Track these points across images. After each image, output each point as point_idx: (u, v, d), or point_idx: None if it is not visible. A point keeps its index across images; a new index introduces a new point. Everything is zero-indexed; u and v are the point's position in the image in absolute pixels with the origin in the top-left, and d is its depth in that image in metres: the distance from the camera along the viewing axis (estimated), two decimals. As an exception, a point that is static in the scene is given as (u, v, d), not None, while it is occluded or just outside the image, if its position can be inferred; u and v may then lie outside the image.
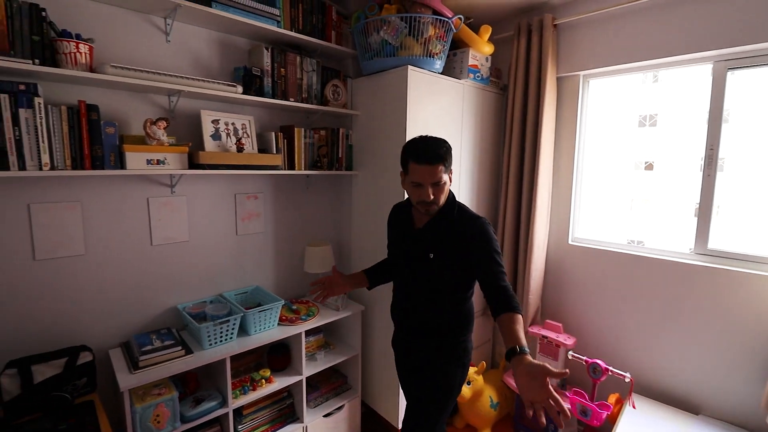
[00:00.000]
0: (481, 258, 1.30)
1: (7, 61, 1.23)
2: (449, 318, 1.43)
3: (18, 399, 1.34)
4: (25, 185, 1.43)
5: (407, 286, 1.50)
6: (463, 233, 1.34)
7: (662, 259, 1.98)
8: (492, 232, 1.34)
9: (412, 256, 1.45)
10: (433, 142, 1.31)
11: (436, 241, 1.38)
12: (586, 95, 2.28)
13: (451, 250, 1.36)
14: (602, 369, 1.88)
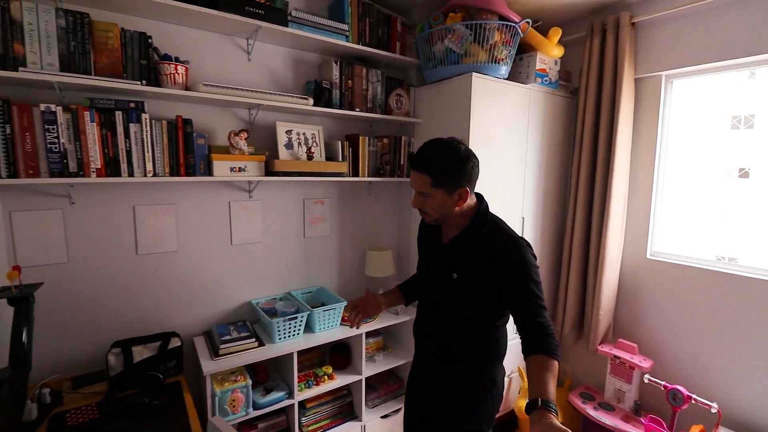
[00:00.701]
0: (516, 287, 1.14)
1: (122, 83, 1.44)
2: (474, 345, 1.25)
3: (120, 375, 1.55)
4: (132, 189, 1.65)
5: (429, 305, 1.35)
6: (494, 254, 1.17)
7: (757, 278, 1.76)
8: (531, 257, 1.17)
9: (435, 274, 1.31)
10: (428, 147, 1.18)
11: (462, 260, 1.22)
12: (669, 97, 2.10)
13: (477, 272, 1.19)
14: (684, 396, 1.71)
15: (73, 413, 1.39)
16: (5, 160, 1.29)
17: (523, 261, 1.15)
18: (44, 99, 1.38)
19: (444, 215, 1.22)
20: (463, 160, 1.16)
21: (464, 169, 1.16)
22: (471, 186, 1.20)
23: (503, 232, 1.22)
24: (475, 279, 1.19)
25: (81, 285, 1.59)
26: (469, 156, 1.18)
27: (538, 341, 1.09)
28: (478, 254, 1.19)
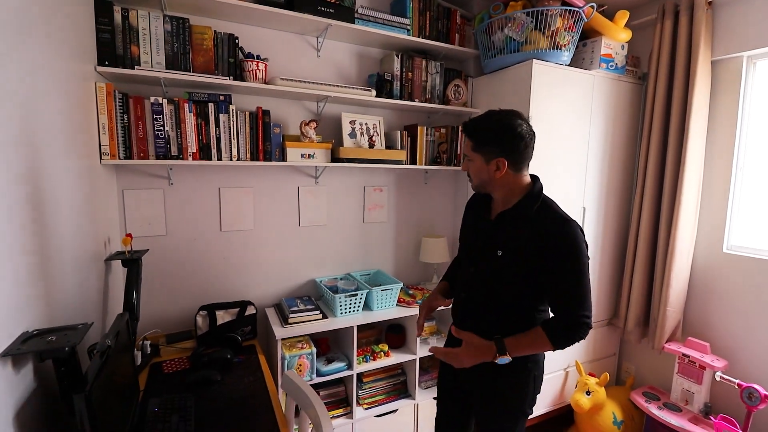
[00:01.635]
0: (558, 272, 1.12)
1: (215, 78, 1.65)
2: (515, 327, 1.20)
3: (206, 334, 1.76)
4: (218, 173, 1.87)
5: (470, 283, 1.31)
6: (543, 233, 1.13)
7: None
8: (583, 243, 1.12)
9: (479, 250, 1.28)
10: (482, 115, 1.21)
11: (508, 237, 1.20)
12: (751, 79, 1.95)
13: (523, 250, 1.16)
14: (761, 396, 1.59)
15: (169, 363, 1.61)
16: (123, 144, 1.54)
17: (572, 246, 1.11)
18: (152, 93, 1.62)
19: (483, 183, 1.23)
20: (505, 131, 1.15)
21: (504, 139, 1.15)
22: (512, 160, 1.17)
23: (555, 212, 1.18)
24: (520, 257, 1.16)
25: (176, 255, 1.83)
26: (514, 129, 1.15)
27: (553, 326, 1.14)
28: (525, 232, 1.16)
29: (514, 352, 1.14)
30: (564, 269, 1.12)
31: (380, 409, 2.03)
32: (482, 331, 1.22)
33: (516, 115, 1.19)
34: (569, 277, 1.12)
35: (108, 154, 1.50)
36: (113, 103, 1.49)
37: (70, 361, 0.88)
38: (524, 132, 1.16)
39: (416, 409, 2.12)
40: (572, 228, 1.13)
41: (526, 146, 1.18)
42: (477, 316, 1.28)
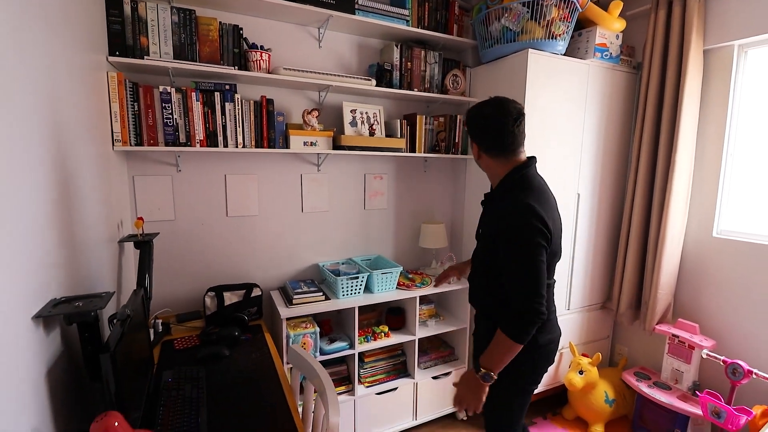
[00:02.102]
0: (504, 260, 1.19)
1: (221, 68, 1.71)
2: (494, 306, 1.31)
3: (214, 314, 1.85)
4: (224, 160, 1.94)
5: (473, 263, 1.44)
6: (497, 217, 1.23)
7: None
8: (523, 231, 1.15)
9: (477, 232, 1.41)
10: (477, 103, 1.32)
11: (484, 219, 1.34)
12: (742, 67, 2.00)
13: (488, 233, 1.28)
14: (744, 371, 1.67)
15: (179, 340, 1.70)
16: (134, 132, 1.62)
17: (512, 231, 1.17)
18: (161, 82, 1.69)
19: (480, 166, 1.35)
20: (472, 118, 1.27)
21: (472, 125, 1.27)
22: (483, 144, 1.28)
23: (513, 195, 1.22)
24: (487, 238, 1.28)
25: (184, 239, 1.91)
26: (478, 115, 1.26)
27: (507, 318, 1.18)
28: (492, 212, 1.29)
29: (489, 364, 1.20)
30: (506, 253, 1.19)
31: (381, 387, 2.12)
32: (483, 301, 1.37)
33: (489, 102, 1.26)
34: (510, 263, 1.18)
35: (120, 140, 1.57)
36: (124, 91, 1.56)
37: (93, 327, 0.96)
38: (489, 117, 1.23)
39: (415, 388, 2.21)
40: (520, 215, 1.16)
41: (494, 130, 1.23)
42: (475, 286, 1.42)
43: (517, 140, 1.25)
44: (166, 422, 1.14)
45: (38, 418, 0.83)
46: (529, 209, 1.16)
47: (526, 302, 1.15)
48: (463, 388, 1.29)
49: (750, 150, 2.02)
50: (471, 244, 2.44)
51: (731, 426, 1.65)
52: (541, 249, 1.15)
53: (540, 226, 1.15)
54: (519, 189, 1.23)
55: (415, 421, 2.23)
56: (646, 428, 2.17)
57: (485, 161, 1.31)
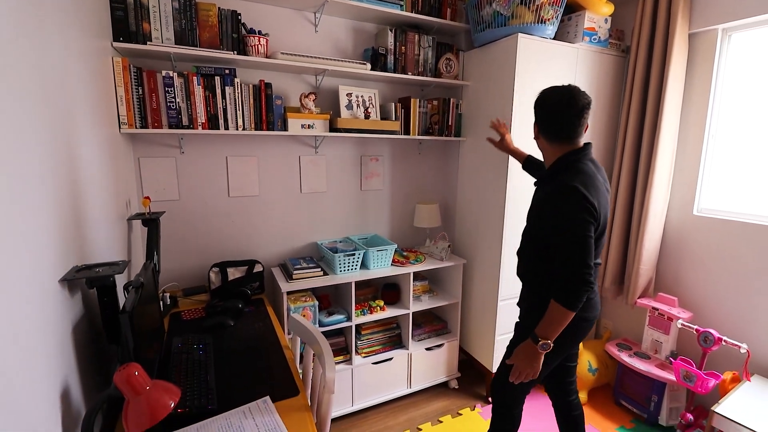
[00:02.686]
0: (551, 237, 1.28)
1: (220, 53, 1.78)
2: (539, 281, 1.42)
3: (219, 288, 1.96)
4: (225, 142, 2.03)
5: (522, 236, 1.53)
6: (544, 198, 1.34)
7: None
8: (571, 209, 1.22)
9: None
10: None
11: (535, 197, 1.45)
12: (726, 51, 2.07)
13: (536, 213, 1.39)
14: (714, 338, 1.79)
15: (186, 312, 1.81)
16: (139, 115, 1.69)
17: (560, 207, 1.24)
18: (163, 67, 1.76)
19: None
20: (538, 102, 1.38)
21: (536, 109, 1.39)
22: (541, 127, 1.39)
23: (566, 176, 1.27)
24: (534, 215, 1.39)
25: (189, 217, 2.01)
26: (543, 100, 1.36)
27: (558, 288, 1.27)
28: (541, 193, 1.39)
29: (545, 333, 1.30)
30: (555, 230, 1.27)
31: (377, 357, 2.25)
32: (521, 273, 1.51)
33: (559, 89, 1.34)
34: (558, 238, 1.26)
35: (126, 123, 1.65)
36: (129, 76, 1.63)
37: (112, 291, 1.07)
38: (553, 105, 1.33)
39: (410, 358, 2.34)
40: (568, 194, 1.23)
41: (554, 119, 1.33)
42: (519, 260, 1.54)
43: (576, 131, 1.33)
44: (177, 380, 1.25)
45: (66, 369, 0.94)
46: (573, 190, 1.22)
47: (575, 272, 1.22)
48: (521, 360, 1.38)
49: (730, 132, 2.10)
50: (464, 223, 2.55)
51: (701, 389, 1.78)
52: (587, 224, 1.22)
53: (586, 204, 1.22)
54: (566, 173, 1.30)
55: (409, 389, 2.37)
56: (626, 395, 2.32)
57: (541, 143, 1.42)
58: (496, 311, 2.27)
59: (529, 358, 1.35)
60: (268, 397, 1.21)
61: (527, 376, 1.38)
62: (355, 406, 2.22)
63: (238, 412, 1.14)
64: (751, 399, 1.69)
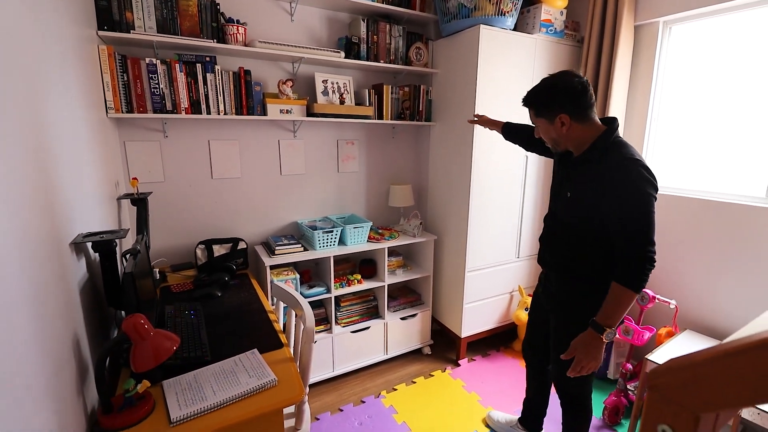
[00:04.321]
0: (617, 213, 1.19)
1: (201, 41, 1.88)
2: (584, 265, 1.36)
3: (205, 264, 2.10)
4: (207, 127, 2.14)
5: (549, 221, 1.51)
6: (604, 173, 1.22)
7: (734, 203, 2.01)
8: (640, 182, 1.16)
9: (556, 193, 1.46)
10: (535, 85, 1.37)
11: (575, 180, 1.34)
12: (666, 42, 2.29)
13: (586, 190, 1.28)
14: (649, 297, 2.05)
15: (175, 285, 1.95)
16: (125, 100, 1.79)
17: (630, 183, 1.16)
18: (146, 55, 1.86)
19: (556, 142, 1.37)
20: (557, 90, 1.28)
21: (558, 96, 1.28)
22: (573, 112, 1.28)
23: (620, 152, 1.22)
24: (585, 198, 1.29)
25: (174, 198, 2.13)
26: (566, 85, 1.27)
27: (620, 270, 1.22)
28: (591, 173, 1.27)
29: (609, 320, 1.23)
30: (622, 206, 1.19)
31: (355, 326, 2.44)
32: (561, 261, 1.44)
33: (564, 73, 1.33)
34: (626, 214, 1.18)
35: (113, 108, 1.75)
36: (114, 63, 1.73)
37: (113, 256, 1.21)
38: (575, 84, 1.27)
39: (386, 327, 2.54)
40: (634, 166, 1.18)
41: (580, 95, 1.27)
42: (554, 248, 1.47)
43: (594, 100, 1.31)
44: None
45: (76, 323, 1.08)
46: (639, 163, 1.20)
47: (642, 250, 1.17)
48: (582, 352, 1.29)
49: (669, 116, 2.34)
50: (435, 202, 2.74)
51: (637, 341, 2.04)
52: (652, 199, 1.18)
53: (649, 178, 1.19)
54: (619, 147, 1.26)
55: (386, 355, 2.58)
56: (579, 354, 2.58)
57: (575, 129, 1.30)
58: (464, 282, 2.48)
59: (590, 350, 1.28)
60: (256, 349, 1.37)
61: (590, 369, 1.30)
62: (336, 371, 2.41)
63: (229, 361, 1.30)
64: (679, 348, 1.95)
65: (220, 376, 1.22)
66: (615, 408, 2.05)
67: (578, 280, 1.40)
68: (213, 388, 1.16)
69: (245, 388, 1.16)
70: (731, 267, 2.02)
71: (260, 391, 1.17)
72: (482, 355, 2.73)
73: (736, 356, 0.30)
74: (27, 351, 0.74)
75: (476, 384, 2.42)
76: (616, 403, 2.04)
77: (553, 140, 1.38)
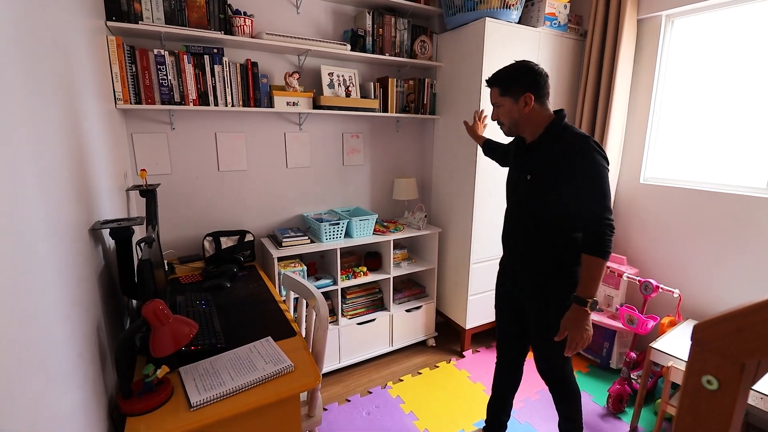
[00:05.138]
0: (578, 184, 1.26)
1: (208, 32, 1.88)
2: (552, 246, 1.40)
3: (213, 256, 2.10)
4: (214, 119, 2.14)
5: (511, 212, 1.54)
6: (561, 151, 1.30)
7: (735, 194, 2.04)
8: (596, 153, 1.25)
9: (515, 181, 1.49)
10: (501, 68, 1.44)
11: (534, 162, 1.39)
12: (669, 36, 2.32)
13: (546, 171, 1.34)
14: (653, 286, 2.08)
15: (184, 277, 1.95)
16: (134, 91, 1.79)
17: (587, 156, 1.25)
18: (154, 46, 1.86)
19: (515, 122, 1.43)
20: (525, 71, 1.37)
21: (526, 77, 1.37)
22: (537, 94, 1.37)
23: (573, 132, 1.33)
24: (546, 177, 1.34)
25: (182, 190, 2.13)
26: (532, 68, 1.37)
27: (585, 240, 1.29)
28: (548, 153, 1.35)
29: (588, 291, 1.29)
30: (582, 177, 1.26)
31: (361, 318, 2.45)
32: (527, 248, 1.46)
33: (528, 61, 1.42)
34: (587, 183, 1.26)
35: (121, 99, 1.75)
36: (123, 54, 1.73)
37: (128, 244, 1.21)
38: (540, 69, 1.39)
39: (391, 320, 2.56)
40: (587, 142, 1.28)
41: (545, 81, 1.39)
42: (520, 235, 1.50)
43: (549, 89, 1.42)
44: (187, 326, 1.41)
45: (97, 308, 1.09)
46: (592, 140, 1.30)
47: (602, 219, 1.25)
48: (573, 329, 1.32)
49: (672, 108, 2.36)
50: (439, 195, 2.76)
51: (641, 330, 2.07)
52: (606, 171, 1.27)
53: (601, 152, 1.29)
54: (571, 128, 1.36)
55: (391, 347, 2.60)
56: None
57: (535, 111, 1.39)
58: (469, 273, 2.50)
59: (580, 324, 1.31)
60: (270, 337, 1.39)
61: (585, 343, 1.34)
62: (342, 363, 2.43)
63: (244, 349, 1.31)
64: (682, 337, 1.98)
65: (236, 363, 1.23)
66: (619, 396, 2.08)
67: (547, 264, 1.44)
68: (230, 374, 1.17)
69: (262, 373, 1.17)
70: (733, 257, 2.06)
71: (277, 376, 1.19)
72: (486, 346, 2.75)
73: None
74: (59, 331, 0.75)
75: (481, 374, 2.44)
76: (620, 392, 2.08)
77: (514, 121, 1.43)
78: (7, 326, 0.55)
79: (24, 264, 0.63)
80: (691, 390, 0.39)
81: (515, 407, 2.13)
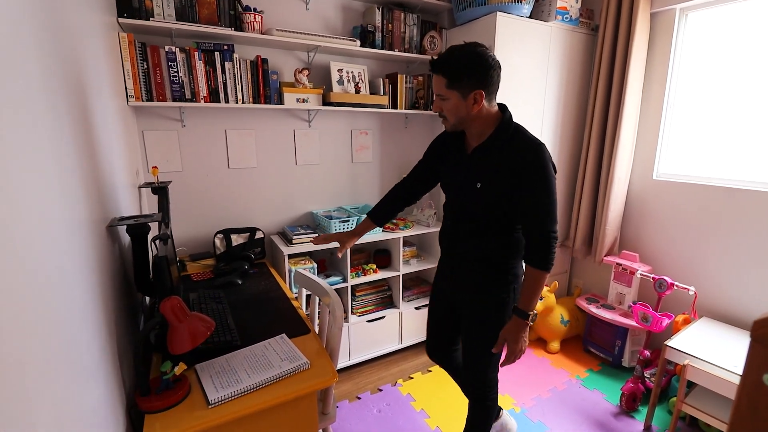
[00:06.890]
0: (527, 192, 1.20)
1: (219, 29, 1.87)
2: (495, 247, 1.34)
3: (223, 254, 2.10)
4: (224, 116, 2.13)
5: (456, 214, 1.42)
6: (514, 157, 1.21)
7: (752, 189, 2.01)
8: (549, 165, 1.20)
9: (460, 185, 1.36)
10: (449, 51, 1.21)
11: (485, 169, 1.27)
12: (683, 29, 2.28)
13: (499, 179, 1.24)
14: (668, 284, 2.05)
15: (196, 274, 1.95)
16: (145, 88, 1.79)
17: (540, 170, 1.18)
18: (164, 43, 1.85)
19: (461, 120, 1.26)
20: (480, 63, 1.17)
21: (479, 71, 1.17)
22: (488, 91, 1.21)
23: (525, 136, 1.24)
24: (497, 186, 1.24)
25: (192, 188, 2.13)
26: (486, 59, 1.17)
27: (530, 253, 1.25)
28: (499, 160, 1.23)
29: (530, 305, 1.26)
30: (533, 189, 1.20)
31: (371, 316, 2.45)
32: (470, 250, 1.37)
33: (480, 45, 1.21)
34: (538, 196, 1.20)
35: (133, 96, 1.75)
36: (134, 51, 1.72)
37: (144, 241, 1.21)
38: (494, 61, 1.20)
39: (400, 317, 2.55)
40: (542, 152, 1.20)
41: (498, 76, 1.22)
42: (464, 239, 1.39)
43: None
44: (201, 323, 1.41)
45: (115, 304, 1.09)
46: (544, 147, 1.22)
47: (548, 231, 1.21)
48: (513, 340, 1.30)
49: (685, 103, 2.33)
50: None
51: (656, 328, 2.05)
52: (555, 183, 1.22)
53: (551, 161, 1.23)
54: (522, 132, 1.26)
55: (400, 344, 2.59)
56: (594, 342, 2.60)
57: (485, 110, 1.25)
58: (479, 271, 2.48)
59: (518, 336, 1.29)
60: (284, 334, 1.38)
61: (521, 354, 1.32)
62: (352, 360, 2.42)
63: (259, 346, 1.31)
64: (697, 335, 1.96)
65: (252, 360, 1.22)
66: (632, 395, 2.06)
67: (489, 267, 1.37)
68: (247, 372, 1.17)
69: (279, 371, 1.17)
70: (751, 254, 2.03)
71: (293, 374, 1.18)
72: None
73: None
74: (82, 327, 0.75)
75: (492, 372, 2.43)
76: (633, 390, 2.06)
77: (460, 119, 1.26)
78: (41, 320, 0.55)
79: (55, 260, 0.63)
80: (750, 386, 0.37)
81: (527, 405, 2.12)
